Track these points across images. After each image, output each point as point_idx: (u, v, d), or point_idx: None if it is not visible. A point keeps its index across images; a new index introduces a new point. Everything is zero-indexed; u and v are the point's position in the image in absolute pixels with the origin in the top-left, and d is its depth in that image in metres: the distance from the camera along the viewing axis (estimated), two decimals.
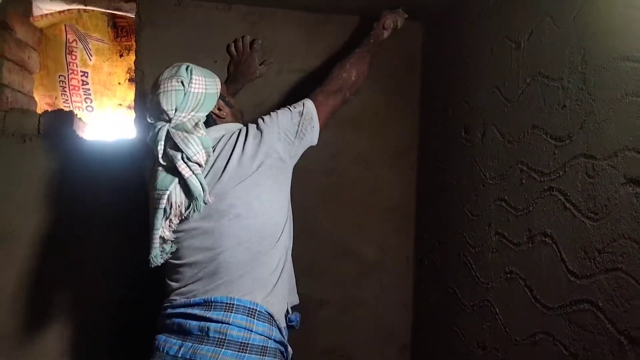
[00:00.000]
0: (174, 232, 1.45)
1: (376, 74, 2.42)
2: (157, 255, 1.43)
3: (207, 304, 1.38)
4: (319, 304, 2.41)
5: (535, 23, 1.56)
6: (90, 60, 2.53)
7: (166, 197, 1.41)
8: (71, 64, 2.49)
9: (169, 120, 1.44)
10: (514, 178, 1.65)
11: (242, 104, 2.32)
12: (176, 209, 1.40)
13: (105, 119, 2.69)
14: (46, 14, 2.41)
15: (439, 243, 2.22)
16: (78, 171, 2.16)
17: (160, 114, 1.46)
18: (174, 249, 1.46)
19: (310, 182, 2.38)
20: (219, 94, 1.55)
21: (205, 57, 2.30)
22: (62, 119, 2.27)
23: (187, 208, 1.41)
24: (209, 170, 1.46)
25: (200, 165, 1.42)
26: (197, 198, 1.40)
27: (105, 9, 2.46)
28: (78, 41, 2.49)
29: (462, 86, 2.03)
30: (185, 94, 1.44)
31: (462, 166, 2.02)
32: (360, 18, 2.40)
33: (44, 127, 2.21)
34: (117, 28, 2.55)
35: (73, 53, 2.49)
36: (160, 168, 1.46)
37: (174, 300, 1.45)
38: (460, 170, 2.03)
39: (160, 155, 1.43)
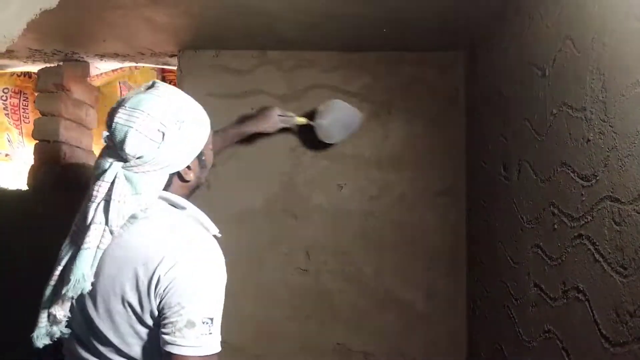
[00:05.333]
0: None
1: (417, 109, 2.31)
2: (41, 336, 1.17)
3: None
4: (363, 357, 2.26)
5: (557, 47, 1.38)
6: None
7: (58, 271, 1.14)
8: None
9: (123, 160, 1.10)
10: (547, 222, 1.45)
11: (277, 148, 2.31)
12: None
13: None
14: (102, 73, 2.59)
15: (486, 292, 2.00)
16: None
17: (118, 149, 1.10)
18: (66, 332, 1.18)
19: (348, 226, 2.29)
20: (199, 151, 1.21)
21: (242, 105, 2.33)
22: None
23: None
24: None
25: (110, 239, 1.11)
26: (71, 280, 1.08)
27: (154, 65, 2.61)
28: None
29: (499, 119, 1.86)
30: (159, 148, 1.11)
31: (502, 207, 1.82)
32: (398, 54, 2.31)
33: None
34: (166, 82, 2.67)
35: None
36: (77, 220, 1.17)
37: None
38: (501, 212, 1.84)
39: (94, 198, 1.10)
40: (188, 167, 1.20)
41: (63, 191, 2.34)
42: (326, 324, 2.26)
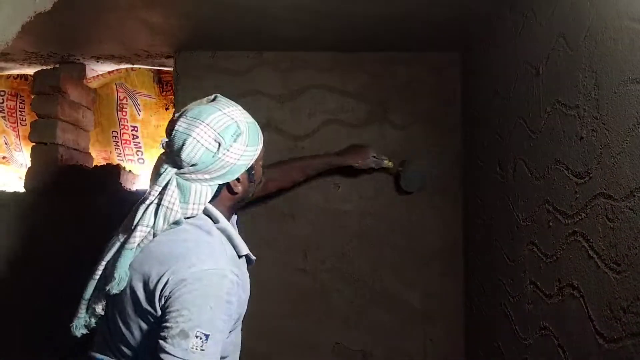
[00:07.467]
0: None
1: (413, 109, 2.32)
2: (80, 326, 1.24)
3: None
4: (361, 356, 2.27)
5: (550, 46, 1.39)
6: (139, 115, 2.68)
7: (102, 267, 1.20)
8: (122, 120, 2.65)
9: (178, 166, 1.17)
10: (542, 220, 1.46)
11: (275, 147, 2.32)
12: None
13: None
14: (98, 75, 2.59)
15: (483, 289, 2.01)
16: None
17: (175, 156, 1.17)
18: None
19: (346, 225, 2.30)
20: (249, 166, 1.25)
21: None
22: (109, 173, 2.41)
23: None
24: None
25: (150, 241, 1.18)
26: (115, 278, 1.14)
27: (150, 66, 2.61)
28: (128, 98, 2.65)
29: (494, 117, 1.87)
30: (214, 157, 1.16)
31: (498, 205, 1.83)
32: (394, 54, 2.32)
33: (93, 181, 2.35)
34: (162, 83, 2.69)
35: (123, 109, 2.65)
36: (127, 219, 1.24)
37: None
38: (497, 210, 1.85)
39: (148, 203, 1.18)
40: (237, 179, 1.24)
41: (60, 193, 2.34)
42: (324, 323, 2.27)
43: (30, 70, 2.63)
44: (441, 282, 2.28)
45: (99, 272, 1.20)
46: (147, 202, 1.16)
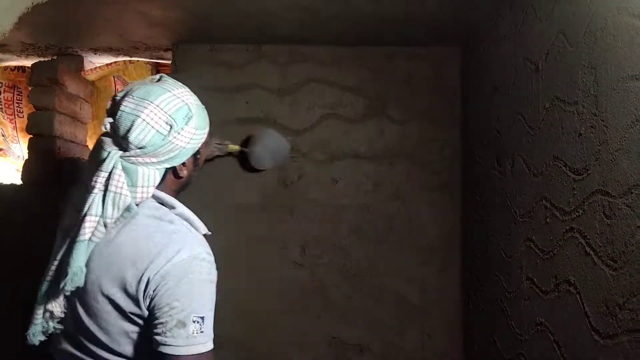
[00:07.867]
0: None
1: (412, 104, 2.31)
2: (37, 333, 1.15)
3: None
4: (358, 350, 2.27)
5: (550, 42, 1.39)
6: None
7: (54, 266, 1.12)
8: None
9: (123, 149, 1.09)
10: (539, 216, 1.46)
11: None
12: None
13: None
14: (96, 68, 2.58)
15: (481, 285, 2.02)
16: None
17: (120, 138, 1.08)
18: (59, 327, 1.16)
19: (343, 220, 2.30)
20: (197, 149, 1.21)
21: (237, 99, 2.33)
22: None
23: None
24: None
25: (103, 233, 1.10)
26: (68, 274, 1.06)
27: (148, 59, 2.59)
28: None
29: (493, 113, 1.87)
30: (164, 139, 1.10)
31: (496, 201, 1.83)
32: (394, 49, 2.31)
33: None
34: None
35: None
36: (69, 212, 1.15)
37: None
38: (495, 206, 1.85)
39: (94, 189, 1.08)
40: (184, 163, 1.19)
41: (58, 185, 2.33)
42: (322, 318, 2.27)
43: (27, 62, 2.62)
44: (439, 277, 2.28)
45: (52, 272, 1.13)
46: (94, 190, 1.07)
